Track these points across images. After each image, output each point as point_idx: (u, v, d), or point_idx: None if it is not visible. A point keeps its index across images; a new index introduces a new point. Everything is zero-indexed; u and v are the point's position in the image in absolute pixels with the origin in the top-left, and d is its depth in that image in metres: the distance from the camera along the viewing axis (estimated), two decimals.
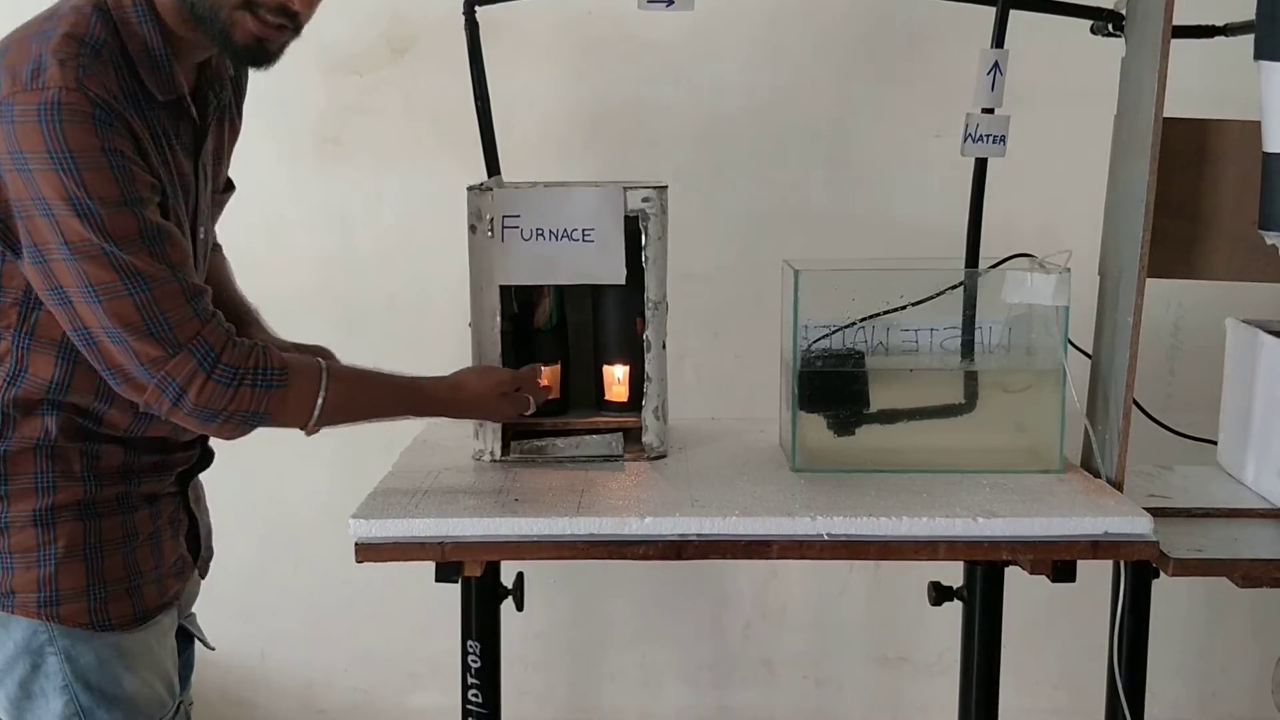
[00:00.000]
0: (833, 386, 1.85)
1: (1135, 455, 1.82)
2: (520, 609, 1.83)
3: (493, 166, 2.03)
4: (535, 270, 1.85)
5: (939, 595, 1.90)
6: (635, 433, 1.91)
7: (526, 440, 1.91)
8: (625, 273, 1.84)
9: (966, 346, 1.89)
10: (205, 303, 1.45)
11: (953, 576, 1.88)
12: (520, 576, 1.84)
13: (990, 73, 1.87)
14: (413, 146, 2.66)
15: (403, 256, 2.68)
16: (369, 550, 1.62)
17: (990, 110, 1.89)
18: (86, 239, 1.36)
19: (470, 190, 1.85)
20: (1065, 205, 2.52)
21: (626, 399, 1.96)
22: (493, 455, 1.88)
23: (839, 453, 1.85)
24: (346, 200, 2.69)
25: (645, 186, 1.84)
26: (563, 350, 1.98)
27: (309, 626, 2.85)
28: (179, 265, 1.42)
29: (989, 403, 1.89)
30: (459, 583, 1.71)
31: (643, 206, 1.84)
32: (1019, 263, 1.86)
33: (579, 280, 1.87)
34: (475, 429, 1.88)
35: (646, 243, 1.85)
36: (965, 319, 1.89)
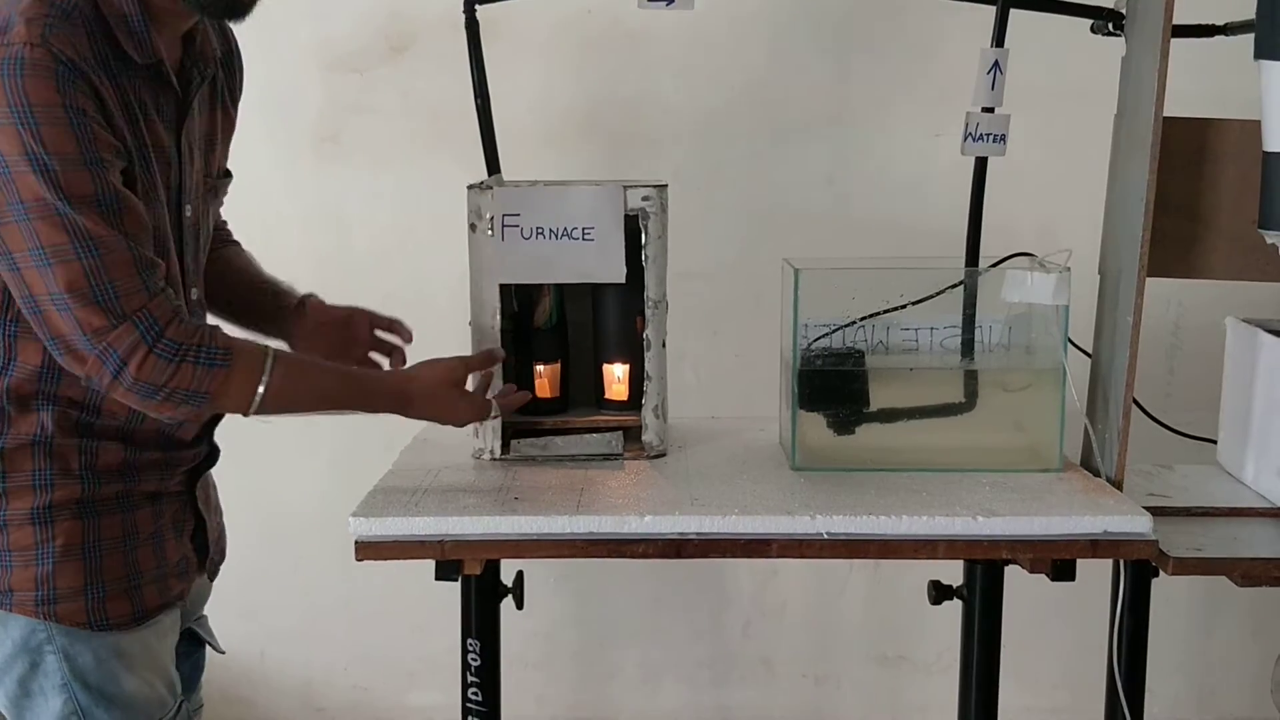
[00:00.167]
0: (833, 385, 1.85)
1: (1135, 454, 1.82)
2: (520, 607, 1.83)
3: (493, 165, 2.03)
4: (535, 269, 1.85)
5: (939, 594, 1.90)
6: (635, 431, 1.91)
7: (526, 439, 1.91)
8: (625, 271, 1.84)
9: (966, 345, 1.89)
10: (156, 277, 1.42)
11: (952, 575, 1.88)
12: (520, 575, 1.84)
13: (990, 72, 1.87)
14: (411, 145, 2.66)
15: (401, 255, 2.67)
16: (369, 549, 1.61)
17: (990, 109, 1.89)
18: (41, 198, 1.34)
19: (470, 189, 1.85)
20: (1065, 204, 2.52)
21: (626, 398, 1.96)
22: (492, 454, 1.88)
23: (839, 452, 1.85)
24: (345, 199, 2.68)
25: (645, 185, 1.84)
26: (562, 349, 1.98)
27: (308, 625, 2.86)
28: (133, 234, 1.40)
29: (989, 402, 1.89)
30: (459, 581, 1.71)
31: (643, 205, 1.84)
32: (1019, 262, 1.86)
33: (579, 279, 1.87)
34: (475, 427, 1.88)
35: (646, 241, 1.85)
36: (965, 318, 1.89)
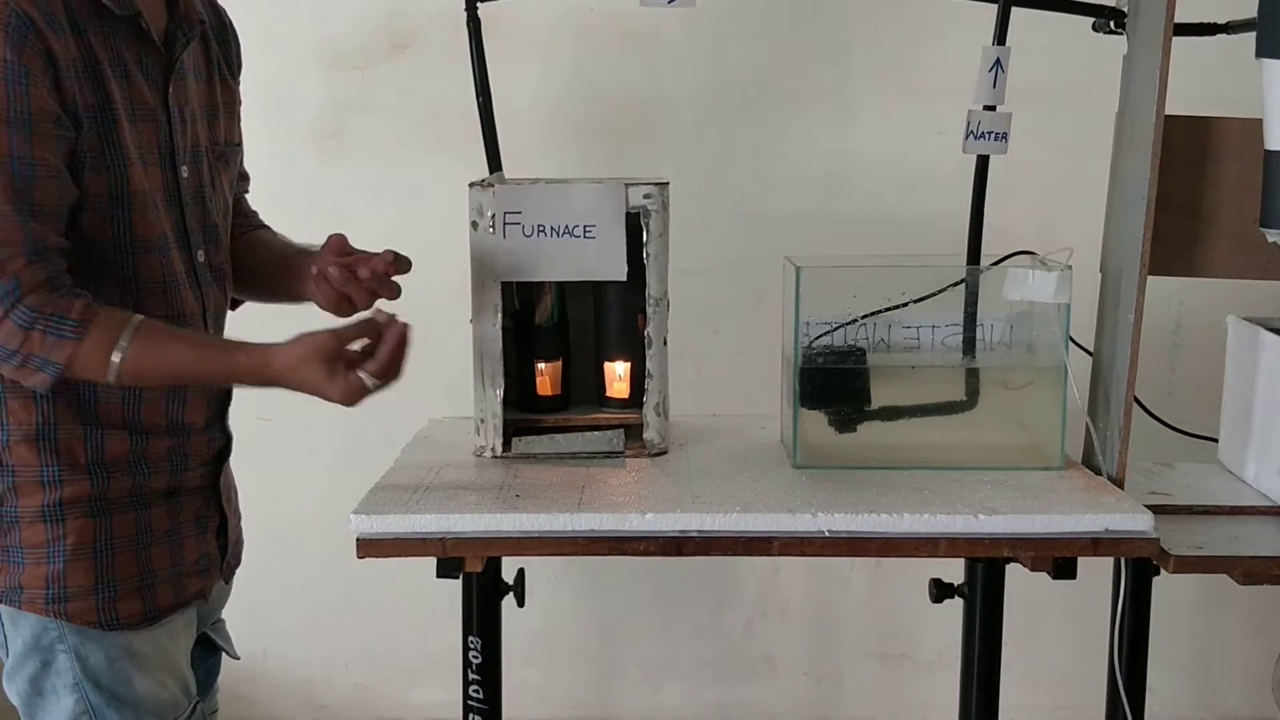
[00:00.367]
0: (834, 383, 1.85)
1: (1136, 452, 1.82)
2: (521, 605, 1.83)
3: (494, 163, 2.02)
4: (536, 267, 1.85)
5: (940, 592, 1.90)
6: (636, 429, 1.91)
7: (528, 436, 1.91)
8: (626, 269, 1.84)
9: (968, 343, 1.89)
10: (43, 248, 1.39)
11: (954, 573, 1.88)
12: (521, 572, 1.84)
13: (992, 70, 1.86)
14: (412, 143, 2.66)
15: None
16: (370, 546, 1.61)
17: (992, 107, 1.88)
18: None
19: (472, 186, 1.85)
20: (1067, 202, 2.52)
21: (627, 395, 1.96)
22: (494, 451, 1.88)
23: (840, 449, 1.85)
24: (346, 197, 2.68)
25: (646, 183, 1.84)
26: (564, 347, 1.98)
27: (310, 623, 2.86)
28: (40, 203, 1.38)
29: (990, 400, 1.89)
30: (460, 579, 1.71)
31: (644, 203, 1.84)
32: (1020, 260, 1.86)
33: (580, 277, 1.87)
34: (476, 425, 1.88)
35: (647, 239, 1.85)
36: (967, 316, 1.89)
